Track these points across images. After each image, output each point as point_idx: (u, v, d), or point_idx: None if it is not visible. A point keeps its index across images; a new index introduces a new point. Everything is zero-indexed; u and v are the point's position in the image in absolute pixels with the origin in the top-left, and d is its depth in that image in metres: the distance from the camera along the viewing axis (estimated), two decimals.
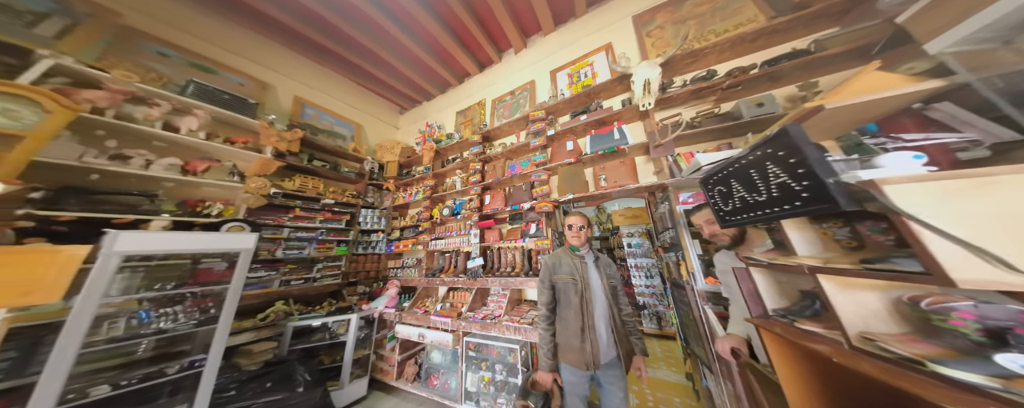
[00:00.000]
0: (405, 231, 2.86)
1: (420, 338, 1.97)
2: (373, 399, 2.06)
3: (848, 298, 0.58)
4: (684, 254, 1.42)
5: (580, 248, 1.18)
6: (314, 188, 2.37)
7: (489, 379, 1.69)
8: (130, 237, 1.19)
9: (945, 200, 0.40)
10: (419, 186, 2.93)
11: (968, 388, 0.37)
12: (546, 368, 1.04)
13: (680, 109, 1.74)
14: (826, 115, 0.59)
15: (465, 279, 2.10)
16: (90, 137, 1.46)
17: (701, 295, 1.34)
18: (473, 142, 2.58)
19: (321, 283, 2.29)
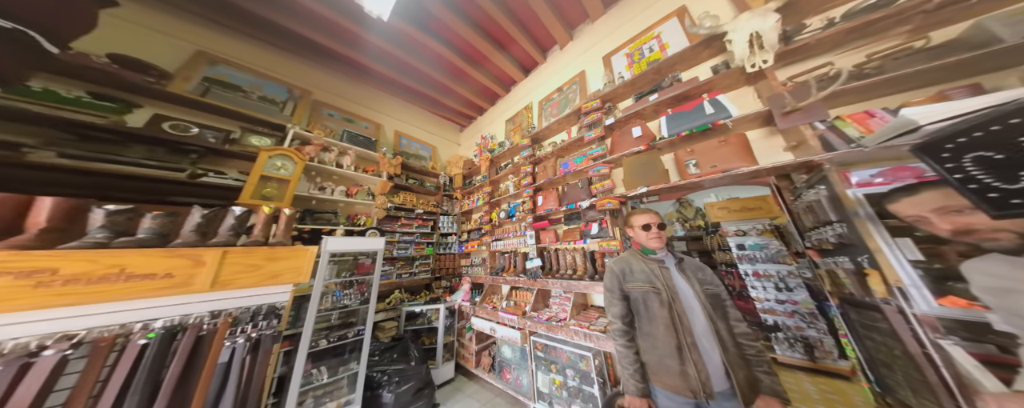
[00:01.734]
0: (471, 233, 3.17)
1: (491, 332, 2.09)
2: (459, 382, 2.27)
3: None
4: (874, 259, 0.96)
5: (657, 251, 0.99)
6: (410, 201, 2.98)
7: (561, 383, 1.63)
8: (332, 241, 1.79)
9: None
10: (479, 193, 3.19)
11: None
12: (636, 392, 0.86)
13: (828, 57, 1.25)
14: None
15: (525, 279, 2.10)
16: (310, 177, 2.29)
17: (926, 322, 0.86)
18: (523, 146, 2.63)
19: (419, 277, 2.82)
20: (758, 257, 2.26)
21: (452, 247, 3.22)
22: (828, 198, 1.10)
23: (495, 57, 2.75)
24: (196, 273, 1.02)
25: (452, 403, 1.98)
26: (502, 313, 2.05)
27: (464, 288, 2.62)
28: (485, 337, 2.43)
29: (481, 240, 2.87)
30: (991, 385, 0.69)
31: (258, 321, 1.11)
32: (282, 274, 1.23)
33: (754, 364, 0.86)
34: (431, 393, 1.84)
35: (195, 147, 1.73)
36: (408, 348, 1.94)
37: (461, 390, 2.14)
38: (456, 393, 2.10)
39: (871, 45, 1.14)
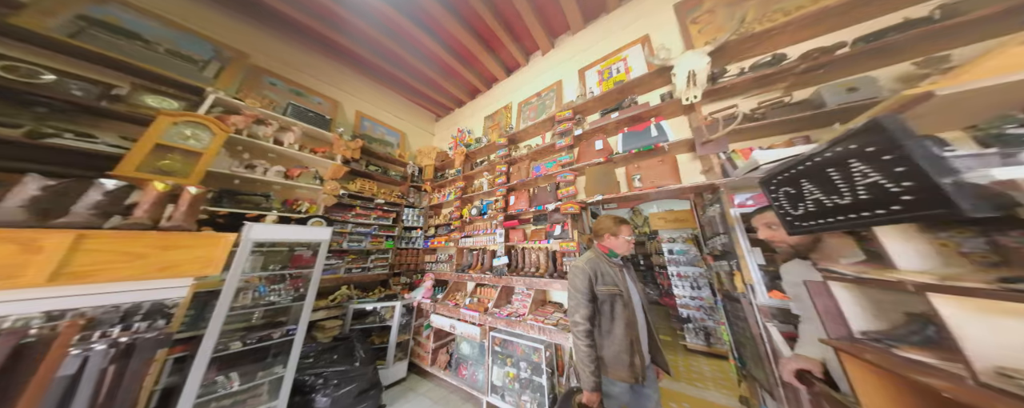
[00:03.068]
0: (439, 229, 3.12)
1: (451, 329, 2.09)
2: (412, 381, 2.24)
3: (981, 325, 0.47)
4: (740, 263, 1.27)
5: (618, 255, 1.11)
6: (369, 190, 2.74)
7: (514, 375, 1.72)
8: (258, 228, 1.55)
9: None
10: (451, 187, 3.15)
11: None
12: (593, 387, 0.94)
13: (736, 100, 1.55)
14: (945, 103, 0.49)
15: (491, 276, 2.19)
16: (234, 152, 1.95)
17: (763, 311, 1.18)
18: (499, 145, 2.68)
19: (373, 272, 2.63)
20: (681, 261, 2.70)
21: (416, 242, 3.13)
22: (719, 215, 1.40)
23: (475, 48, 2.75)
24: (27, 262, 0.79)
25: (402, 403, 1.95)
26: (464, 310, 2.06)
27: (426, 285, 2.57)
28: (444, 334, 2.40)
29: (449, 236, 2.86)
30: (786, 352, 0.99)
31: (133, 322, 0.90)
32: (180, 265, 1.03)
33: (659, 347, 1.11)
34: (378, 394, 1.76)
35: (44, 99, 1.30)
36: (353, 348, 1.81)
37: (413, 389, 2.12)
38: (407, 393, 2.07)
39: (762, 95, 1.45)
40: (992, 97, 0.47)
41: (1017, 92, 0.45)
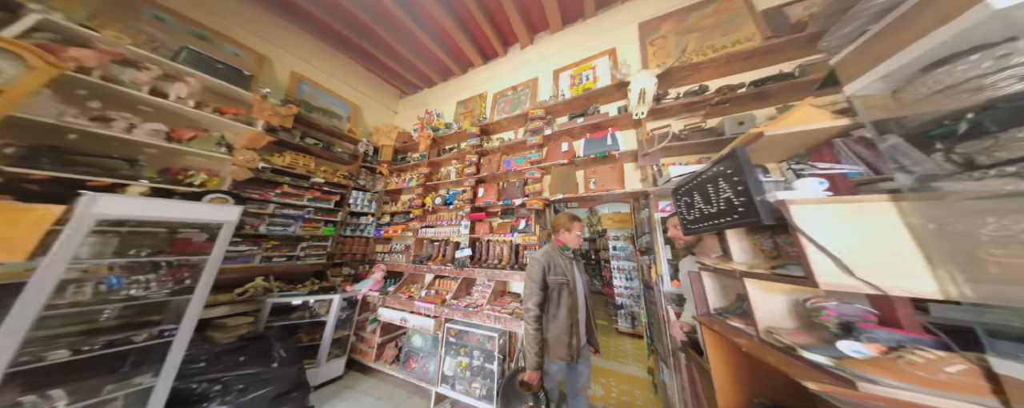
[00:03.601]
0: (396, 217, 2.92)
1: (402, 322, 2.02)
2: (350, 379, 2.09)
3: (764, 299, 0.69)
4: (656, 258, 1.53)
5: (570, 249, 1.24)
6: (305, 166, 2.30)
7: (466, 364, 1.77)
8: (109, 201, 1.13)
9: (831, 220, 0.50)
10: (413, 173, 2.96)
11: (815, 366, 0.47)
12: (535, 366, 1.05)
13: (671, 121, 1.81)
14: (769, 141, 0.68)
15: (452, 268, 2.18)
16: (72, 96, 1.38)
17: (666, 296, 1.45)
18: (471, 134, 2.61)
19: (305, 262, 2.29)
20: (621, 256, 3.11)
21: (366, 230, 2.85)
22: (647, 217, 1.65)
23: (453, 31, 2.62)
24: None
25: (336, 402, 1.81)
26: (419, 302, 2.01)
27: (376, 277, 2.40)
28: (393, 328, 2.34)
29: (408, 225, 2.71)
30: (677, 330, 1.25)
31: None
32: None
33: (594, 329, 1.27)
34: (303, 396, 1.59)
35: None
36: (270, 348, 1.57)
37: (352, 387, 1.99)
38: (343, 391, 1.93)
39: (688, 119, 1.73)
40: (792, 140, 0.66)
41: (804, 138, 0.64)
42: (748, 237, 0.80)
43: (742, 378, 0.82)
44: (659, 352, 1.67)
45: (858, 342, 0.45)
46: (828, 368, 0.45)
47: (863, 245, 0.46)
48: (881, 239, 0.44)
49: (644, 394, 1.89)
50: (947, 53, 0.36)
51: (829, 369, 0.45)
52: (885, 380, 0.40)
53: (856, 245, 0.46)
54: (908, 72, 0.41)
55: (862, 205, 0.47)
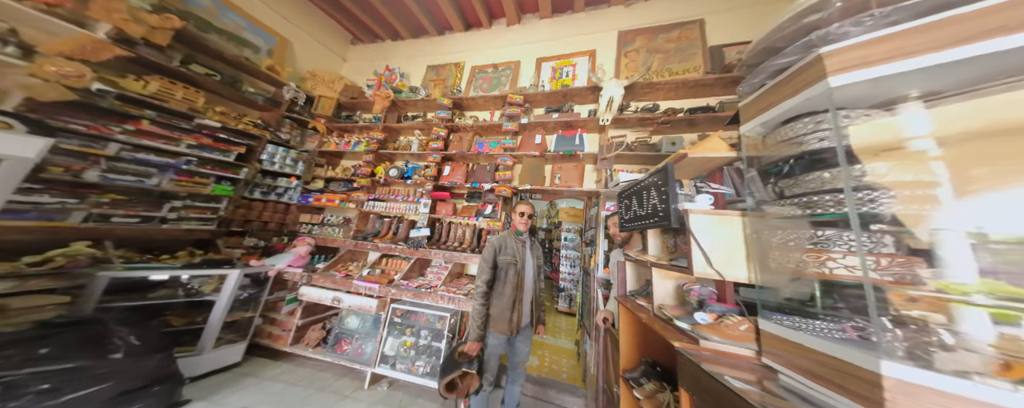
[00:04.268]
0: (333, 184, 2.52)
1: (335, 302, 1.85)
2: (251, 366, 1.82)
3: (661, 284, 0.90)
4: (595, 249, 1.77)
5: (523, 233, 1.33)
6: (186, 101, 1.73)
7: (411, 343, 1.76)
8: None
9: (708, 226, 0.68)
10: (362, 136, 2.57)
11: (679, 329, 0.66)
12: (477, 338, 1.16)
13: (627, 132, 2.03)
14: (688, 161, 0.84)
15: (405, 247, 2.07)
16: None
17: (598, 281, 1.72)
18: (441, 105, 2.39)
19: (178, 227, 1.77)
20: (569, 246, 3.49)
21: (287, 195, 2.38)
22: (595, 215, 1.88)
23: None
24: None
25: (230, 392, 1.56)
26: (359, 281, 1.87)
27: (297, 251, 2.08)
28: (321, 309, 2.10)
29: (349, 195, 2.39)
30: (602, 307, 1.50)
31: None
32: None
33: (540, 308, 1.37)
34: (169, 390, 1.32)
35: None
36: (106, 335, 1.22)
37: (254, 374, 1.74)
38: (242, 380, 1.67)
39: (640, 132, 1.99)
40: (702, 163, 0.84)
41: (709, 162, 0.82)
42: (661, 236, 1.01)
43: (639, 344, 1.07)
44: (586, 327, 1.99)
45: (704, 313, 0.65)
46: (686, 331, 0.64)
47: (719, 245, 0.64)
48: (729, 242, 0.63)
49: (569, 361, 2.25)
50: (795, 114, 0.51)
51: (687, 332, 0.64)
52: (712, 337, 0.59)
53: (716, 245, 0.64)
54: (774, 124, 0.57)
55: (726, 218, 0.66)
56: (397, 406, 1.57)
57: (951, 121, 0.36)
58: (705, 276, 0.66)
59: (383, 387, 1.74)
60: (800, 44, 0.48)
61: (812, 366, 0.40)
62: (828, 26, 0.44)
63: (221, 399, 1.49)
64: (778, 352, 0.48)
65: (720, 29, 2.03)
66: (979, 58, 0.32)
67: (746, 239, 0.62)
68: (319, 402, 1.55)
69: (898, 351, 0.33)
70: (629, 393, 0.93)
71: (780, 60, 0.52)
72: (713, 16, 2.07)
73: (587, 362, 1.79)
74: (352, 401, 1.58)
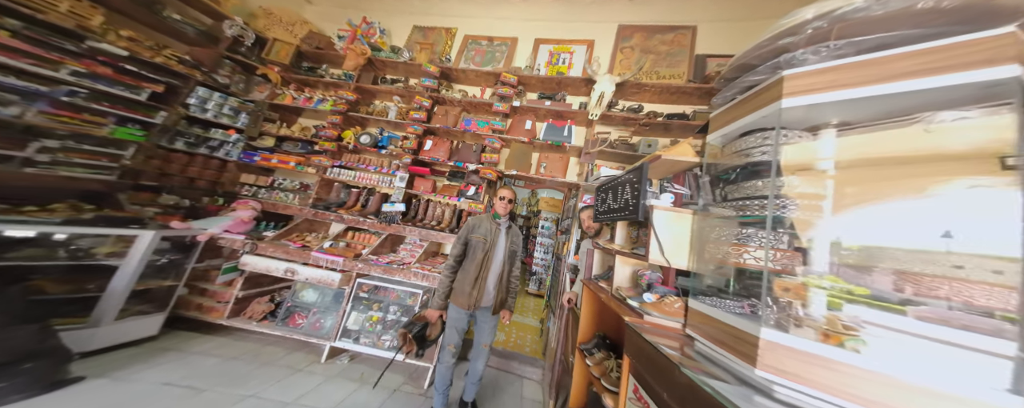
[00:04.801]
0: (287, 144, 2.24)
1: (288, 274, 1.73)
2: (173, 340, 1.63)
3: (621, 269, 1.02)
4: (569, 237, 1.90)
5: (502, 217, 1.36)
6: (75, 15, 1.40)
7: (378, 318, 1.75)
8: None
9: (666, 221, 0.77)
10: (328, 94, 2.29)
11: (630, 307, 0.77)
12: (435, 306, 1.27)
13: (611, 129, 2.11)
14: (660, 163, 0.92)
15: (376, 222, 1.97)
16: None
17: (568, 266, 1.86)
18: (427, 73, 2.20)
19: (52, 172, 1.45)
20: (545, 234, 3.67)
21: (223, 149, 2.05)
22: (573, 206, 1.98)
23: None
24: None
25: (144, 368, 1.37)
26: (319, 254, 1.74)
27: (239, 215, 1.86)
28: (269, 281, 1.94)
29: (308, 158, 2.16)
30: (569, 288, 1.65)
31: None
32: None
33: (509, 293, 1.38)
34: (50, 367, 1.14)
35: None
36: None
37: (178, 349, 1.56)
38: (160, 354, 1.49)
39: (623, 131, 2.08)
40: (672, 165, 0.92)
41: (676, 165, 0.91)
42: (627, 228, 1.12)
43: (596, 320, 1.22)
44: (552, 307, 2.18)
45: (651, 293, 0.77)
46: (635, 308, 0.75)
47: (670, 238, 0.75)
48: (679, 235, 0.74)
49: (533, 338, 2.47)
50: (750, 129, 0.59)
51: (635, 309, 0.75)
52: (654, 313, 0.71)
53: (668, 238, 0.75)
54: (733, 136, 0.65)
55: (681, 215, 0.76)
56: (359, 378, 1.57)
57: (846, 149, 0.46)
58: (657, 263, 0.76)
59: (343, 360, 1.72)
60: (770, 64, 0.54)
61: (718, 334, 0.52)
62: (795, 51, 0.50)
63: (130, 375, 1.30)
64: (697, 324, 0.59)
65: (709, 39, 2.12)
66: (883, 97, 0.41)
67: (691, 234, 0.73)
68: (266, 376, 1.47)
69: (772, 321, 0.44)
70: (582, 361, 1.08)
71: (752, 77, 0.58)
72: (706, 25, 2.14)
73: (549, 338, 1.99)
74: (306, 375, 1.53)
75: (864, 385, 0.35)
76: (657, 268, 0.86)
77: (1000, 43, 0.32)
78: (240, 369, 1.50)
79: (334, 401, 1.38)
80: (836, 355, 0.37)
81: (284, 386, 1.43)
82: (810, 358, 0.38)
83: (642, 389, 0.60)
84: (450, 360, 1.27)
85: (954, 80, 0.34)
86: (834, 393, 0.36)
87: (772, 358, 0.41)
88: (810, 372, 0.38)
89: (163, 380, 1.32)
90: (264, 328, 1.77)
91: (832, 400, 0.36)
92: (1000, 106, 0.35)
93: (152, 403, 1.19)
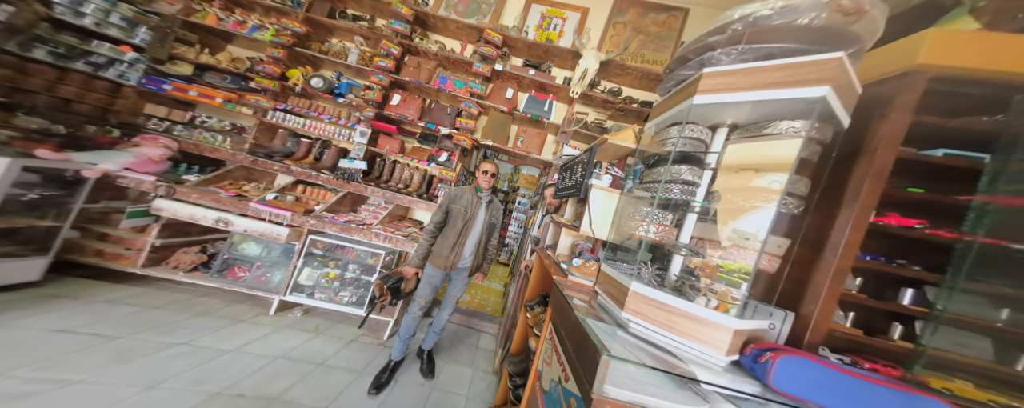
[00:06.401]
0: (210, 74, 1.90)
1: (219, 224, 1.59)
2: (65, 287, 1.46)
3: (564, 240, 1.15)
4: (536, 212, 2.01)
5: (484, 191, 1.40)
6: None
7: (335, 275, 1.74)
8: None
9: (600, 199, 0.87)
10: (268, 20, 1.95)
11: (561, 269, 0.91)
12: (413, 264, 1.37)
13: (590, 110, 2.11)
14: (607, 146, 0.99)
15: (331, 177, 1.84)
16: None
17: (531, 238, 2.01)
18: (397, 14, 1.90)
19: None
20: (520, 209, 3.83)
21: (114, 68, 1.72)
22: (543, 183, 2.05)
23: None
24: None
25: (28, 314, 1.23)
26: (260, 205, 1.61)
27: (145, 153, 1.62)
28: (199, 230, 1.78)
29: (242, 96, 1.86)
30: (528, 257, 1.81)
31: None
32: None
33: (486, 259, 1.52)
34: None
35: None
36: None
37: (73, 297, 1.41)
38: (49, 302, 1.34)
39: (600, 113, 2.11)
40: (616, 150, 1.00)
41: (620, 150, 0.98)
42: (575, 204, 1.23)
43: (541, 282, 1.39)
44: (514, 274, 2.40)
45: (579, 259, 0.91)
46: (564, 270, 0.88)
47: (600, 213, 0.86)
48: (606, 211, 0.85)
49: (495, 300, 2.75)
50: (673, 121, 0.65)
51: (564, 270, 0.88)
52: (577, 274, 0.85)
53: (598, 213, 0.86)
54: (662, 125, 0.71)
55: (610, 194, 0.86)
56: (314, 329, 1.60)
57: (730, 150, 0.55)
58: (587, 234, 0.88)
59: (296, 313, 1.73)
60: (698, 60, 0.59)
61: (611, 289, 0.65)
62: (716, 50, 0.54)
63: (6, 322, 1.15)
64: (602, 282, 0.73)
65: (698, 25, 2.08)
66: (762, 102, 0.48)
67: (616, 211, 0.84)
68: (200, 326, 1.38)
69: (644, 279, 0.57)
70: (524, 316, 1.27)
71: (685, 71, 0.63)
72: (698, 9, 2.08)
73: (508, 299, 2.23)
74: (251, 325, 1.50)
75: (674, 317, 0.49)
76: (591, 239, 1.00)
77: (826, 66, 0.40)
78: (166, 318, 1.39)
79: (284, 348, 1.38)
80: (664, 298, 0.50)
81: (223, 335, 1.37)
82: (652, 302, 0.51)
83: (554, 331, 0.75)
84: (418, 312, 1.39)
85: (796, 94, 0.42)
86: (661, 326, 0.50)
87: (634, 303, 0.54)
88: (652, 313, 0.51)
89: (55, 327, 1.18)
90: (195, 279, 1.66)
91: (658, 330, 0.50)
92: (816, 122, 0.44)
93: (42, 350, 1.04)
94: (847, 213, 0.52)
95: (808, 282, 0.54)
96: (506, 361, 1.21)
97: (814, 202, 0.54)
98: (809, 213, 0.52)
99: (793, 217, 0.49)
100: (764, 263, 0.49)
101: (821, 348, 0.56)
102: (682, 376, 0.40)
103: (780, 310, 0.54)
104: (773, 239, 0.49)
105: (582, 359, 0.48)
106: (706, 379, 0.40)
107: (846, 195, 0.53)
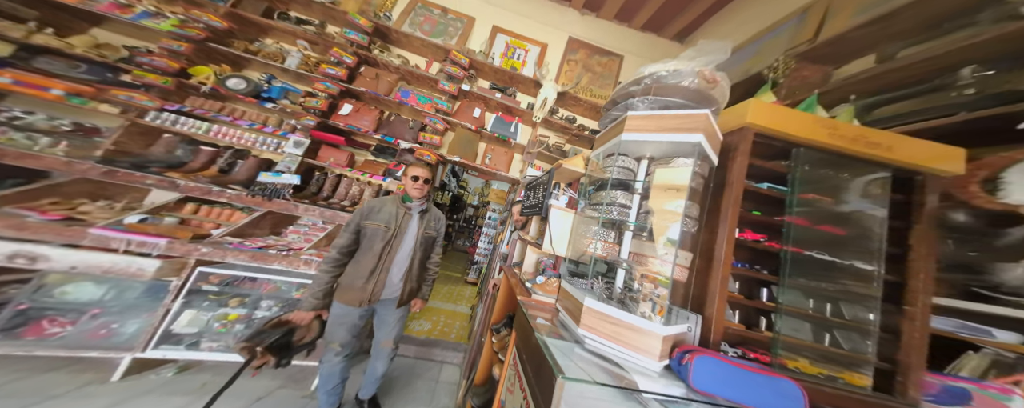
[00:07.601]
0: (50, 58, 1.44)
1: (15, 261, 1.09)
2: None
3: (529, 257, 1.18)
4: (505, 229, 2.03)
5: (413, 200, 1.13)
6: None
7: (238, 317, 1.39)
8: None
9: (558, 219, 0.94)
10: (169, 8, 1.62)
11: (526, 288, 0.92)
12: (308, 307, 0.99)
13: (551, 134, 2.32)
14: (562, 169, 1.09)
15: (244, 194, 1.48)
16: None
17: (500, 255, 2.00)
18: (354, 24, 1.82)
19: None
20: (491, 225, 3.79)
21: None
22: (511, 200, 2.11)
23: None
24: None
25: None
26: (112, 231, 1.20)
27: None
28: None
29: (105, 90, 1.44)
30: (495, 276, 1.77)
31: None
32: None
33: (424, 282, 1.23)
34: None
35: None
36: None
37: None
38: None
39: (559, 137, 2.33)
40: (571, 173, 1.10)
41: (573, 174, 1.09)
42: (538, 223, 1.29)
43: (508, 302, 1.37)
44: (481, 293, 2.32)
45: (542, 276, 0.94)
46: (528, 288, 0.89)
47: (558, 232, 0.92)
48: (563, 230, 0.92)
49: (461, 324, 2.57)
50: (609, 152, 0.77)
51: (528, 289, 0.89)
52: (540, 292, 0.87)
53: (559, 232, 0.92)
54: (603, 155, 0.82)
55: (568, 214, 0.94)
56: (200, 388, 1.19)
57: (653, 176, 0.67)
58: (549, 251, 0.93)
59: (166, 372, 1.27)
60: (624, 104, 0.72)
61: (569, 305, 0.68)
62: (634, 97, 0.68)
63: None
64: (563, 299, 0.76)
65: (629, 70, 2.54)
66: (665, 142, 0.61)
67: (572, 229, 0.92)
68: None
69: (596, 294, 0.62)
70: (490, 340, 1.21)
71: (615, 111, 0.75)
72: (630, 57, 2.55)
73: (475, 323, 2.12)
74: (78, 399, 1.03)
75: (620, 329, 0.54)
76: (553, 257, 1.04)
77: (699, 119, 0.55)
78: None
79: None
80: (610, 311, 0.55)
81: None
82: (603, 316, 0.56)
83: (517, 356, 0.74)
84: (335, 359, 1.06)
85: (684, 138, 0.55)
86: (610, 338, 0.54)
87: (588, 319, 0.58)
88: (602, 326, 0.55)
89: None
90: None
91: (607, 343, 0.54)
92: None
93: None
94: (723, 230, 0.67)
95: (707, 288, 0.67)
96: (470, 393, 1.11)
97: (703, 222, 0.69)
98: (701, 231, 0.66)
99: (692, 235, 0.62)
100: (677, 274, 0.58)
101: (722, 344, 0.67)
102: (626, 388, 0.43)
103: (694, 313, 0.64)
104: (682, 253, 0.59)
105: (540, 383, 0.48)
106: (645, 387, 0.44)
107: (720, 216, 0.68)
